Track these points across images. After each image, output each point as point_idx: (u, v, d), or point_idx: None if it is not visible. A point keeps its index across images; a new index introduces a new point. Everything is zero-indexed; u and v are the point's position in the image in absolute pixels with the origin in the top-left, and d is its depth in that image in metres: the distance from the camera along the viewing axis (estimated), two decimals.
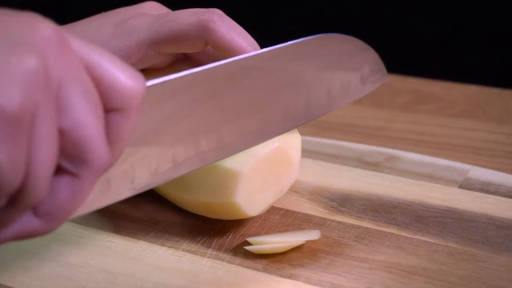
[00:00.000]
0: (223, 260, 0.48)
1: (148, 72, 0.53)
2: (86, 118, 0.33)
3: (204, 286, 0.46)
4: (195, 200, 0.50)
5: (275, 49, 0.47)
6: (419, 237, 0.50)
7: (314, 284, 0.45)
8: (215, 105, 0.44)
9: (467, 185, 0.57)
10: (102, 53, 0.35)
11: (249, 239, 0.49)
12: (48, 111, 0.32)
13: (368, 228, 0.52)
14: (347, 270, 0.47)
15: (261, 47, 0.50)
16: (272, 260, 0.48)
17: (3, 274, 0.47)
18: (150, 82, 0.39)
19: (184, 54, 0.54)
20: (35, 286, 0.46)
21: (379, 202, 0.55)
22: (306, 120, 0.51)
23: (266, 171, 0.50)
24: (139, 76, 0.35)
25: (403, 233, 0.51)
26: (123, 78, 0.34)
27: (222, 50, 0.50)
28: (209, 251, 0.49)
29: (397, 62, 1.04)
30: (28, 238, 0.35)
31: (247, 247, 0.48)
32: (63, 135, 0.33)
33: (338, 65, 0.51)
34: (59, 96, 0.33)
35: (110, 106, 0.34)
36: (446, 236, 0.50)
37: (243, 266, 0.48)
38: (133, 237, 0.51)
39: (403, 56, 1.12)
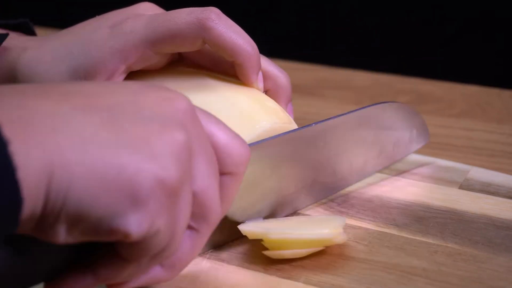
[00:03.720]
0: (223, 260, 0.48)
1: (145, 72, 0.53)
2: (211, 183, 0.37)
3: (204, 286, 0.46)
4: None
5: (347, 115, 0.53)
6: (419, 238, 0.50)
7: (314, 285, 0.45)
8: (298, 163, 0.51)
9: (467, 185, 0.57)
10: (217, 122, 0.38)
11: (267, 241, 0.47)
12: (189, 179, 0.36)
13: (368, 228, 0.51)
14: (347, 270, 0.47)
15: (258, 46, 0.50)
16: (272, 260, 0.47)
17: None
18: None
19: (180, 54, 0.54)
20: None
21: (379, 203, 0.55)
22: (363, 177, 0.58)
23: None
24: (246, 143, 0.39)
25: (403, 234, 0.51)
26: (237, 146, 0.38)
27: (219, 49, 0.50)
28: (209, 252, 0.49)
29: (397, 62, 1.04)
30: (151, 285, 0.39)
31: (265, 252, 0.47)
32: (193, 197, 0.36)
33: (392, 128, 0.57)
34: (192, 163, 0.36)
35: (223, 170, 0.38)
36: (446, 237, 0.50)
37: (243, 266, 0.48)
38: None
39: (403, 56, 1.12)
